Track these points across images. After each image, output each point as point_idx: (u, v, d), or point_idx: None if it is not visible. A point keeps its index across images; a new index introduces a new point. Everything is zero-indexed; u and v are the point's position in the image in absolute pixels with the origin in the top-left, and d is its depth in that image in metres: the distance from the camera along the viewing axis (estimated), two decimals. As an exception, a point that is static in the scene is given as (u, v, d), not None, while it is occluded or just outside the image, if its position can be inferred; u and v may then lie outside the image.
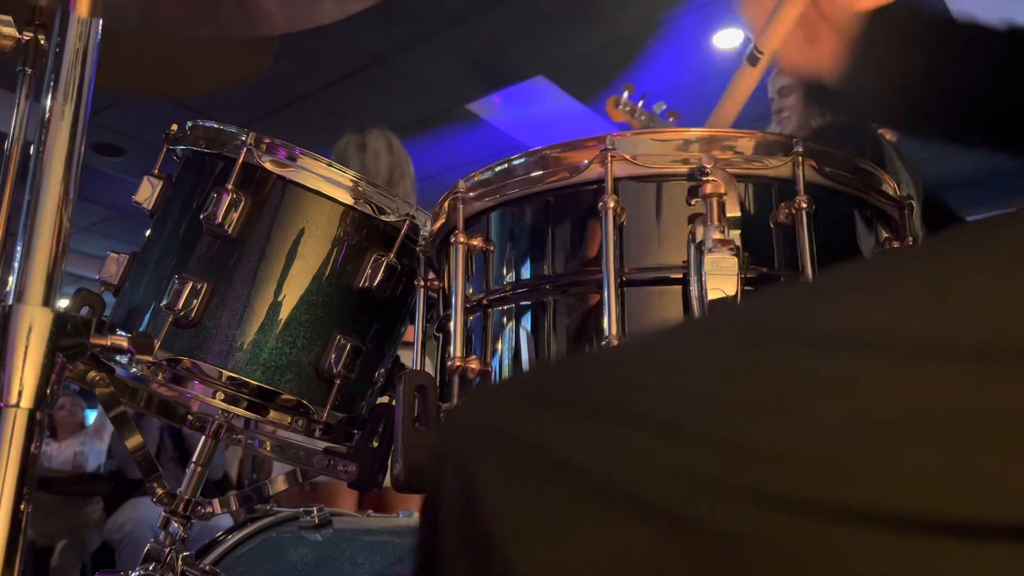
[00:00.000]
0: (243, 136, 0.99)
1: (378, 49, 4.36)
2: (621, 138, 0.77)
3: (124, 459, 3.79)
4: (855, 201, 0.81)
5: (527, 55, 4.48)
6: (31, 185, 0.70)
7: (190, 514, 1.13)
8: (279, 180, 0.99)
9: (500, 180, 0.84)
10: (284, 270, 0.98)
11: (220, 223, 0.96)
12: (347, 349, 0.99)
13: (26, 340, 0.65)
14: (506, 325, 0.82)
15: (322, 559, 1.11)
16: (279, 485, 1.21)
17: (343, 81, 4.71)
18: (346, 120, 5.06)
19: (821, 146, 0.78)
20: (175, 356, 0.95)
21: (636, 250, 0.76)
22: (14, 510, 0.62)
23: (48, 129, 0.71)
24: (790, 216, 0.74)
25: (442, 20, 4.11)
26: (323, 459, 1.07)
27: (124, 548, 3.42)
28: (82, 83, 0.73)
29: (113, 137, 5.42)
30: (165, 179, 1.06)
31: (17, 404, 0.64)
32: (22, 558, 0.63)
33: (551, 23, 4.13)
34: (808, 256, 0.73)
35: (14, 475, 0.63)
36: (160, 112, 4.77)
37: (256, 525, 1.22)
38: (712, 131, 0.78)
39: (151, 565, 1.09)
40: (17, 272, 0.68)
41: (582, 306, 0.78)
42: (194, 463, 1.16)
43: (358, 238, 1.02)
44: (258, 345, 0.96)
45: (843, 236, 0.81)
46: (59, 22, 0.74)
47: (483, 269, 0.85)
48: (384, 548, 1.10)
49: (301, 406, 0.99)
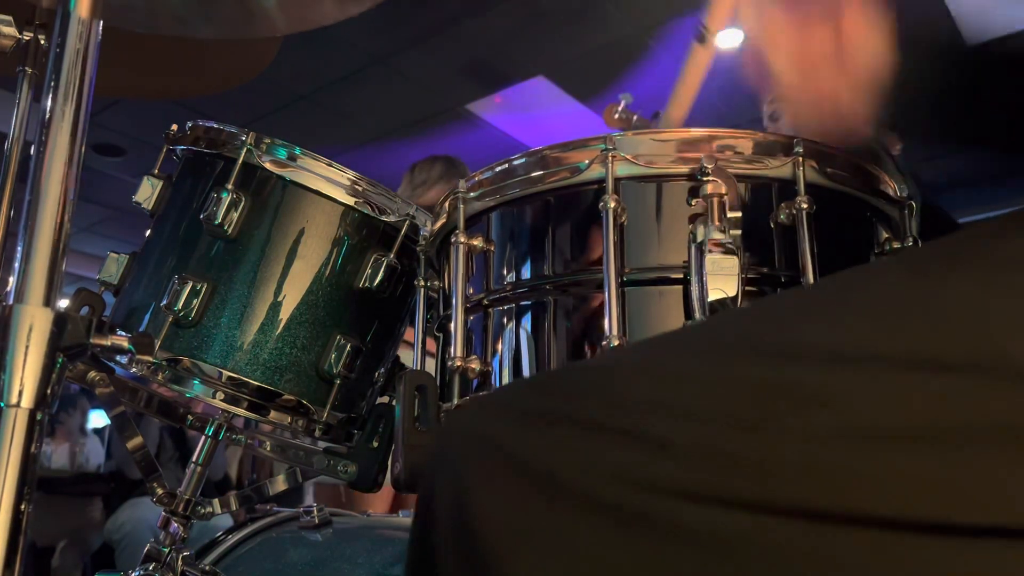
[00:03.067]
0: (243, 136, 0.99)
1: (378, 49, 4.36)
2: (622, 138, 0.77)
3: (124, 459, 3.79)
4: (856, 201, 0.81)
5: (527, 55, 4.47)
6: (31, 185, 0.70)
7: (190, 514, 1.13)
8: (279, 180, 0.99)
9: (500, 180, 0.84)
10: (284, 270, 0.98)
11: (220, 223, 0.96)
12: (347, 349, 0.99)
13: (26, 340, 0.65)
14: (506, 325, 0.82)
15: (322, 559, 1.11)
16: (279, 485, 1.21)
17: (343, 81, 4.70)
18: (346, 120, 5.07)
19: (822, 146, 0.78)
20: (175, 356, 0.95)
21: (637, 250, 0.75)
22: (14, 510, 0.62)
23: (48, 129, 0.71)
24: (791, 216, 0.74)
25: (442, 20, 4.11)
26: (323, 459, 1.07)
27: (124, 548, 3.42)
28: (82, 83, 0.73)
29: (113, 137, 5.42)
30: (165, 179, 1.06)
31: (17, 404, 0.64)
32: (23, 558, 0.62)
33: (551, 23, 4.12)
34: (808, 256, 0.73)
35: (14, 475, 0.63)
36: (160, 112, 4.77)
37: (256, 525, 1.21)
38: (713, 131, 0.78)
39: (151, 565, 1.09)
40: (17, 272, 0.68)
41: (583, 306, 0.78)
42: (194, 463, 1.15)
43: (358, 238, 1.02)
44: (258, 345, 0.96)
45: (844, 237, 0.81)
46: (59, 22, 0.74)
47: (483, 269, 0.85)
48: (384, 548, 1.10)
49: (301, 406, 0.99)
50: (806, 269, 0.73)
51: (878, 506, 0.38)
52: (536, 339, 0.80)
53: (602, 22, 4.12)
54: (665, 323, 0.74)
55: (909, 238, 0.82)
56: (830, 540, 0.38)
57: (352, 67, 4.56)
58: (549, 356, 0.78)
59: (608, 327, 0.72)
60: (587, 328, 0.77)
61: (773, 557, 0.39)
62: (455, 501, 0.47)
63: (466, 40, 4.33)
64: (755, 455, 0.40)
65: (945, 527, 0.38)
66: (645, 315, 0.75)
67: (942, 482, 0.38)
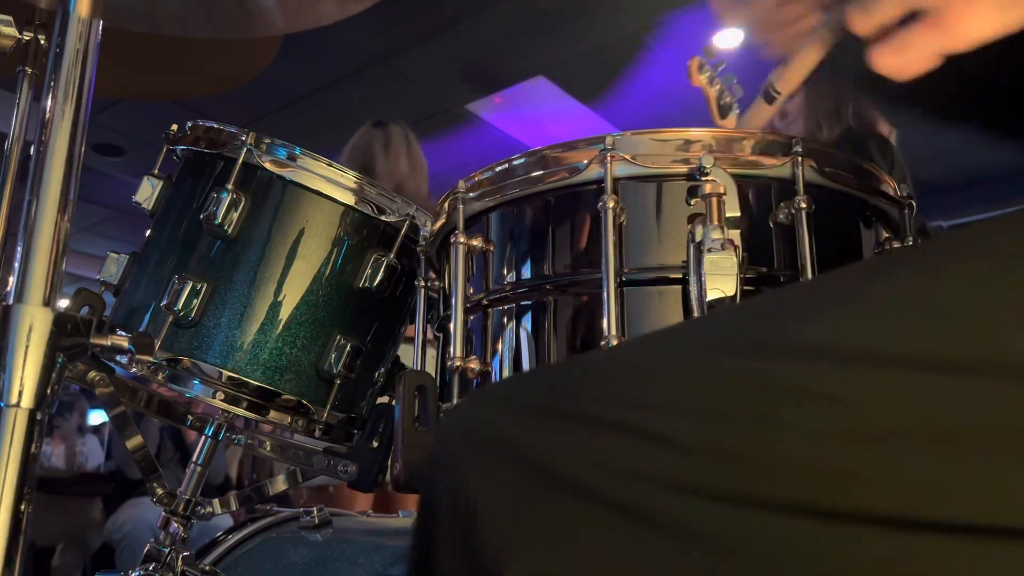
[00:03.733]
0: (243, 136, 0.99)
1: (378, 49, 4.36)
2: (621, 138, 0.77)
3: (124, 459, 3.79)
4: (855, 201, 0.81)
5: (527, 55, 4.47)
6: (31, 185, 0.70)
7: (190, 514, 1.13)
8: (279, 180, 0.99)
9: (500, 180, 0.84)
10: (284, 270, 0.99)
11: (220, 223, 0.96)
12: (347, 349, 0.99)
13: (26, 340, 0.65)
14: (506, 325, 0.82)
15: (322, 559, 1.11)
16: (279, 485, 1.21)
17: (343, 81, 4.71)
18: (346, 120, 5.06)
19: (821, 146, 0.78)
20: (175, 356, 0.95)
21: (636, 250, 0.76)
22: (14, 510, 0.62)
23: (48, 129, 0.71)
24: (790, 216, 0.74)
25: (442, 20, 4.11)
26: (323, 459, 1.07)
27: (124, 548, 3.41)
28: (82, 83, 0.73)
29: (113, 137, 5.42)
30: (165, 179, 1.06)
31: (17, 404, 0.64)
32: (23, 558, 0.63)
33: (551, 23, 4.12)
34: (808, 256, 0.73)
35: (14, 475, 0.63)
36: (160, 112, 4.77)
37: (256, 525, 1.21)
38: (712, 131, 0.78)
39: (151, 565, 1.09)
40: (17, 272, 0.68)
41: (582, 306, 0.78)
42: (194, 463, 1.16)
43: (358, 238, 1.02)
44: (258, 345, 0.96)
45: (843, 236, 0.81)
46: (59, 22, 0.74)
47: (483, 269, 0.85)
48: (384, 548, 1.10)
49: (301, 406, 0.99)
50: (805, 269, 0.73)
51: (880, 505, 0.38)
52: (536, 339, 0.80)
53: (602, 22, 4.12)
54: (664, 323, 0.74)
55: (909, 237, 0.82)
56: (828, 539, 0.38)
57: (352, 67, 4.56)
58: (549, 356, 0.78)
59: (607, 327, 0.72)
60: (586, 328, 0.77)
61: (772, 554, 0.39)
62: (455, 496, 0.47)
63: (466, 40, 4.33)
64: (755, 451, 0.40)
65: (948, 527, 0.38)
66: (644, 315, 0.75)
67: (945, 481, 0.38)
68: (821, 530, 0.38)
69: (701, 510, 0.40)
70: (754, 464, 0.40)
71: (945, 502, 0.38)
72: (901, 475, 0.38)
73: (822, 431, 0.40)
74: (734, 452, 0.40)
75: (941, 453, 0.38)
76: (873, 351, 0.41)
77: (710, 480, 0.40)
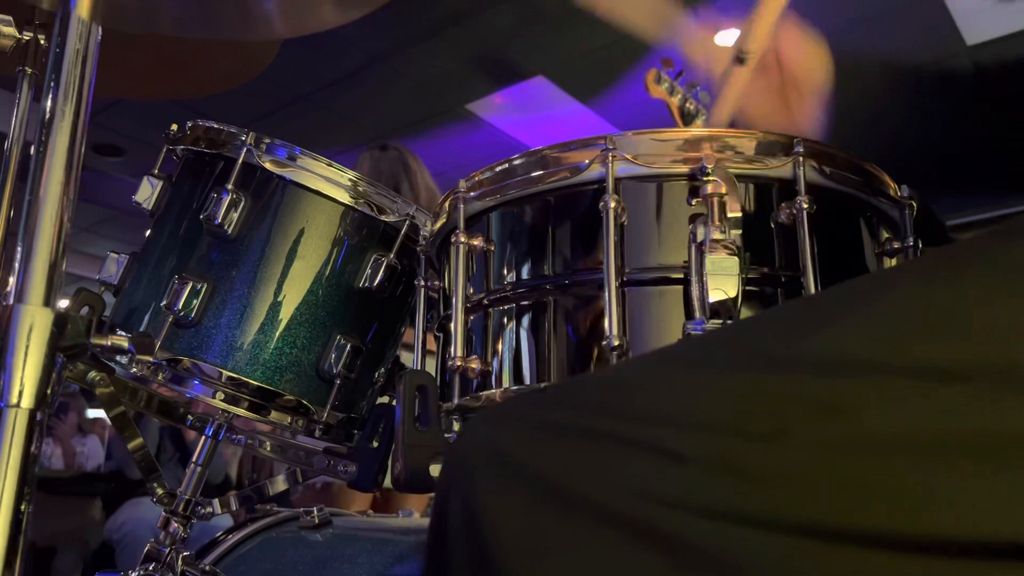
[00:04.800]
0: (243, 136, 0.99)
1: (378, 49, 4.36)
2: (622, 138, 0.77)
3: (124, 459, 3.79)
4: (856, 201, 0.81)
5: (527, 55, 4.48)
6: (31, 185, 0.70)
7: (190, 514, 1.13)
8: (279, 180, 0.99)
9: (500, 180, 0.84)
10: (284, 270, 0.98)
11: (220, 223, 0.96)
12: (347, 349, 0.99)
13: (26, 340, 0.65)
14: (507, 325, 0.82)
15: (322, 559, 1.11)
16: (279, 485, 1.21)
17: (343, 81, 4.71)
18: (346, 120, 5.07)
19: (822, 146, 0.78)
20: (175, 356, 0.95)
21: (637, 250, 0.75)
22: (15, 510, 0.62)
23: (48, 129, 0.71)
24: (791, 216, 0.74)
25: (442, 20, 4.11)
26: (323, 459, 1.07)
27: (124, 548, 3.41)
28: (82, 83, 0.73)
29: (113, 137, 5.42)
30: (165, 179, 1.06)
31: (17, 404, 0.64)
32: (23, 559, 0.62)
33: (551, 23, 4.12)
34: (809, 256, 0.73)
35: (14, 475, 0.63)
36: (160, 112, 4.77)
37: (256, 525, 1.21)
38: (713, 131, 0.78)
39: (151, 565, 1.09)
40: (17, 272, 0.68)
41: (583, 306, 0.78)
42: (194, 463, 1.15)
43: (358, 238, 1.02)
44: (258, 345, 0.96)
45: (844, 236, 0.81)
46: (59, 22, 0.74)
47: (483, 269, 0.85)
48: (384, 548, 1.10)
49: (301, 406, 0.99)
50: (806, 269, 0.72)
51: (891, 521, 0.38)
52: (536, 339, 0.80)
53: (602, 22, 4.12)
54: (665, 323, 0.74)
55: (909, 238, 0.82)
56: (838, 562, 0.38)
57: (352, 67, 4.56)
58: (549, 356, 0.78)
59: (608, 327, 0.72)
60: (587, 328, 0.77)
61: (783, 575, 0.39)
62: (467, 514, 0.47)
63: (466, 40, 4.33)
64: (768, 468, 0.40)
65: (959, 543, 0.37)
66: (645, 315, 0.75)
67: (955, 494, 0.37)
68: (830, 552, 0.38)
69: (711, 529, 0.40)
70: (765, 481, 0.40)
71: (959, 514, 0.37)
72: (912, 487, 0.38)
73: (834, 443, 0.39)
74: (748, 469, 0.40)
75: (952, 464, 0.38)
76: (882, 362, 0.41)
77: (721, 499, 0.40)
